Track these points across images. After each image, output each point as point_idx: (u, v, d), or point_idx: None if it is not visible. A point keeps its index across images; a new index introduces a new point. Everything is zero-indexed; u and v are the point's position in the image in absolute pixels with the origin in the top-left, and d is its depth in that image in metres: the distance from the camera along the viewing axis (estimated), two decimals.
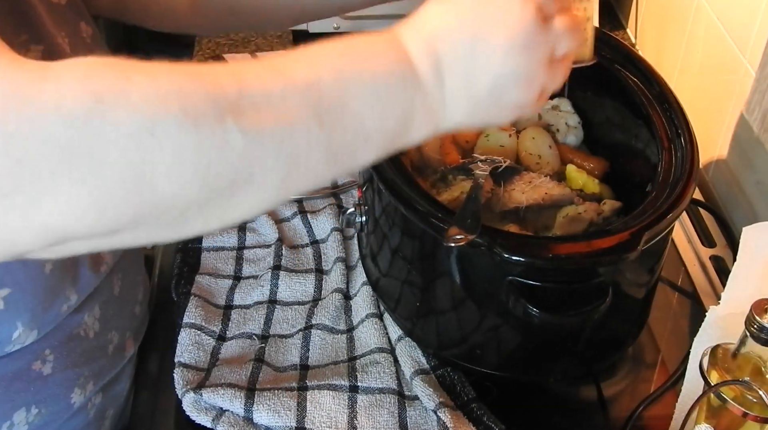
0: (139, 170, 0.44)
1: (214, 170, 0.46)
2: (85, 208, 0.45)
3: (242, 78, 0.48)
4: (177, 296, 0.91)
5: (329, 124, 0.50)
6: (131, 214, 0.46)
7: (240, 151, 0.47)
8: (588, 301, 0.70)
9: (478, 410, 0.79)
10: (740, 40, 0.99)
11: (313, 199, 1.04)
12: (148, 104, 0.44)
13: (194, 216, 0.48)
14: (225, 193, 0.48)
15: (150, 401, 0.85)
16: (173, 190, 0.46)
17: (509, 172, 0.86)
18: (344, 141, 0.51)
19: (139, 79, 0.45)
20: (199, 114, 0.45)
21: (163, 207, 0.46)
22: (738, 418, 0.66)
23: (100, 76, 0.44)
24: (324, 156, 0.51)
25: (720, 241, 1.02)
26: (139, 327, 0.86)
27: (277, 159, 0.48)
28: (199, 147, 0.45)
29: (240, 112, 0.46)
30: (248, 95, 0.47)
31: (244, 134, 0.46)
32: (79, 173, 0.43)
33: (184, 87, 0.46)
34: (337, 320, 0.89)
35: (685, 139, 0.79)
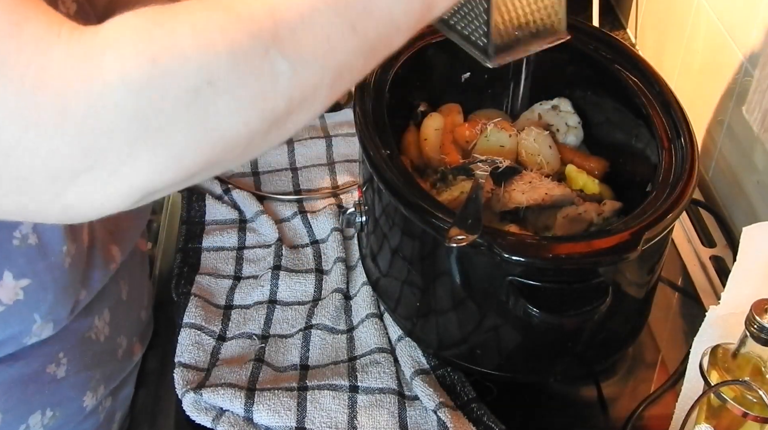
0: (205, 119, 0.46)
1: (270, 102, 0.48)
2: (164, 166, 0.47)
3: (274, 5, 0.49)
4: (177, 296, 0.91)
5: (362, 28, 0.51)
6: (205, 159, 0.48)
7: (289, 78, 0.48)
8: (588, 301, 0.70)
9: (478, 410, 0.79)
10: (740, 40, 0.99)
11: (313, 199, 1.04)
12: (200, 56, 0.46)
13: (260, 143, 0.51)
14: (283, 117, 0.50)
15: (150, 401, 0.85)
16: (238, 129, 0.48)
17: (509, 173, 0.86)
18: (378, 37, 0.53)
19: (184, 30, 0.46)
20: (246, 53, 0.47)
21: (232, 145, 0.49)
22: (738, 418, 0.66)
23: (149, 36, 0.46)
24: (363, 56, 0.53)
25: (720, 241, 1.02)
26: (145, 331, 0.87)
27: (323, 74, 0.50)
28: (252, 85, 0.47)
29: (280, 41, 0.48)
30: (283, 21, 0.48)
31: (289, 61, 0.48)
32: (153, 136, 0.45)
33: (226, 29, 0.47)
34: (337, 320, 0.89)
35: (685, 139, 0.79)
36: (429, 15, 0.57)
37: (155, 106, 0.45)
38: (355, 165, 1.07)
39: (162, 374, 0.85)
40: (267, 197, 1.03)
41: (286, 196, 1.04)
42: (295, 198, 1.03)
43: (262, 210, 1.00)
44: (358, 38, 0.51)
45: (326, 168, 1.08)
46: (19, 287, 0.65)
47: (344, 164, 1.08)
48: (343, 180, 1.06)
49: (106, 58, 0.44)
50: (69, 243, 0.68)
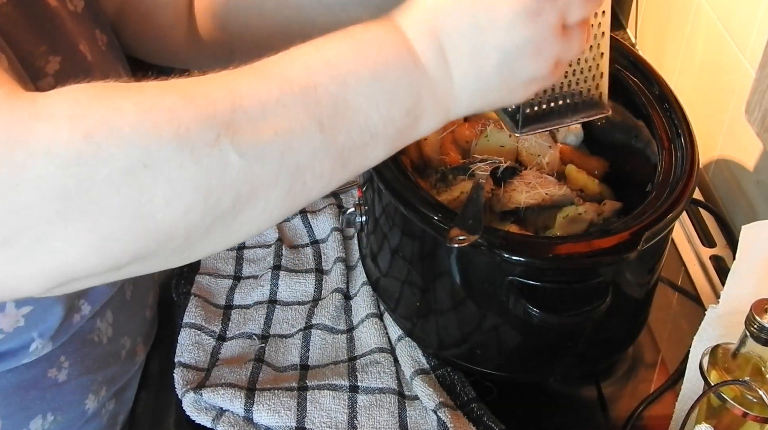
0: (137, 205, 0.43)
1: (214, 194, 0.45)
2: (86, 250, 0.43)
3: (235, 91, 0.46)
4: (177, 296, 0.91)
5: (331, 127, 0.48)
6: (135, 248, 0.45)
7: (239, 171, 0.45)
8: (588, 301, 0.70)
9: (478, 410, 0.79)
10: (740, 40, 0.99)
11: None
12: (140, 136, 0.43)
13: (200, 241, 0.47)
14: (229, 214, 0.46)
15: (150, 401, 0.85)
16: (174, 219, 0.44)
17: (509, 173, 0.86)
18: (350, 142, 0.49)
19: (128, 108, 0.43)
20: (193, 139, 0.43)
21: (166, 237, 0.45)
22: (738, 418, 0.66)
23: (88, 110, 0.43)
24: (330, 160, 0.49)
25: (720, 241, 1.02)
26: (149, 332, 0.86)
27: (280, 172, 0.47)
28: (196, 173, 0.44)
29: (235, 129, 0.45)
30: (242, 110, 0.45)
31: (241, 153, 0.45)
32: (77, 216, 0.42)
33: (175, 111, 0.44)
34: (337, 320, 0.89)
35: (685, 139, 0.79)
36: (414, 130, 0.53)
37: (82, 185, 0.42)
38: None
39: (162, 374, 0.85)
40: None
41: None
42: None
43: None
44: (325, 139, 0.47)
45: None
46: (20, 314, 0.63)
47: None
48: None
49: (37, 128, 0.42)
50: None
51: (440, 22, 0.52)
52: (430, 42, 0.52)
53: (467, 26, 0.52)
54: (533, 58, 0.53)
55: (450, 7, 0.52)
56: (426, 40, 0.52)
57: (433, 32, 0.52)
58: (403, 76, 0.51)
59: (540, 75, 0.55)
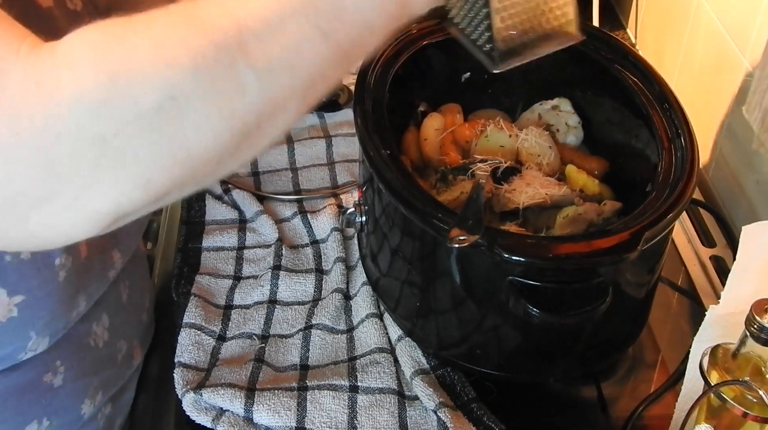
0: (170, 138, 0.44)
1: (239, 115, 0.46)
2: (130, 189, 0.45)
3: (238, 13, 0.47)
4: (177, 296, 0.91)
5: (333, 32, 0.49)
6: (174, 179, 0.46)
7: (258, 89, 0.46)
8: (588, 301, 0.70)
9: (478, 410, 0.79)
10: (740, 40, 0.99)
11: (313, 199, 1.04)
12: (161, 71, 0.44)
13: (231, 158, 0.49)
14: (254, 130, 0.48)
15: (150, 402, 0.85)
16: (206, 146, 0.46)
17: (509, 173, 0.86)
18: (350, 41, 0.51)
19: (145, 45, 0.44)
20: (210, 66, 0.45)
21: (201, 163, 0.47)
22: (738, 418, 0.66)
23: (108, 52, 0.44)
24: (336, 62, 0.50)
25: (720, 241, 1.02)
26: (146, 334, 0.86)
27: (293, 83, 0.48)
28: (218, 98, 0.45)
29: (246, 50, 0.46)
30: (249, 31, 0.46)
31: (256, 72, 0.46)
32: (117, 157, 0.43)
33: (188, 42, 0.45)
34: (337, 320, 0.89)
35: (685, 139, 0.79)
36: (405, 13, 0.54)
37: (116, 126, 0.43)
38: (355, 165, 1.07)
39: (162, 375, 0.85)
40: (267, 197, 1.03)
41: (286, 196, 1.04)
42: (295, 198, 1.03)
43: (262, 210, 1.00)
44: (329, 44, 0.49)
45: (326, 168, 1.08)
46: (12, 303, 0.63)
47: (344, 164, 1.08)
48: (343, 180, 1.06)
49: (63, 77, 0.42)
50: (64, 255, 0.66)
51: None
52: None
53: None
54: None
55: None
56: None
57: None
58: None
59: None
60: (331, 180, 1.06)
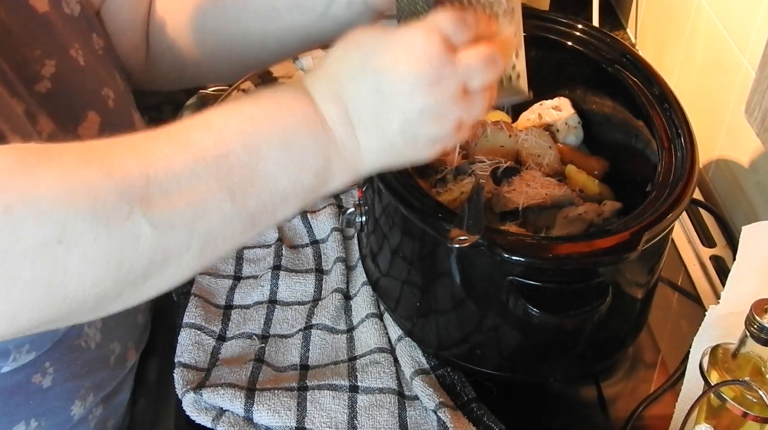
0: (50, 277, 0.44)
1: (126, 264, 0.46)
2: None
3: (151, 162, 0.47)
4: (177, 296, 0.91)
5: (242, 195, 0.49)
6: (44, 316, 0.46)
7: (152, 242, 0.46)
8: (588, 301, 0.70)
9: (478, 410, 0.79)
10: (740, 40, 0.99)
11: None
12: (57, 211, 0.44)
13: (110, 303, 0.48)
14: (140, 280, 0.48)
15: (149, 402, 0.85)
16: (86, 289, 0.46)
17: (509, 173, 0.86)
18: (260, 205, 0.51)
19: (48, 180, 0.44)
20: (108, 213, 0.45)
21: (76, 305, 0.46)
22: (738, 418, 0.66)
23: (10, 182, 0.44)
24: (241, 224, 0.50)
25: (720, 241, 1.02)
26: (141, 336, 0.85)
27: (192, 239, 0.48)
28: (109, 246, 0.45)
29: (149, 201, 0.46)
30: (157, 182, 0.47)
31: (154, 225, 0.46)
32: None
33: (92, 185, 0.45)
34: (337, 320, 0.89)
35: (685, 139, 0.79)
36: (323, 189, 0.55)
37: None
38: None
39: (162, 375, 0.85)
40: None
41: None
42: None
43: None
44: (236, 207, 0.49)
45: None
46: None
47: None
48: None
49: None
50: None
51: (344, 89, 0.54)
52: (336, 107, 0.54)
53: (370, 93, 0.54)
54: (434, 121, 0.55)
55: (353, 74, 0.54)
56: (332, 105, 0.54)
57: (339, 98, 0.54)
58: (312, 141, 0.53)
59: (442, 136, 0.57)
60: None
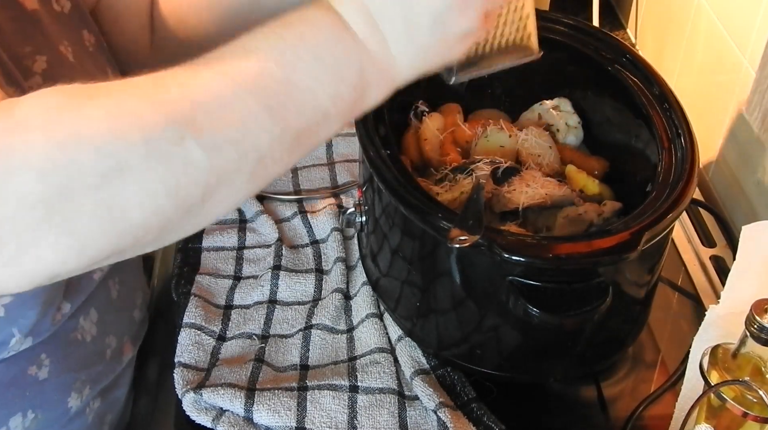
0: (112, 208, 0.45)
1: (183, 190, 0.47)
2: (67, 253, 0.46)
3: (193, 89, 0.48)
4: (177, 296, 0.91)
5: (282, 113, 0.50)
6: (111, 247, 0.47)
7: (204, 166, 0.47)
8: (588, 301, 0.70)
9: (478, 410, 0.79)
10: (740, 40, 0.99)
11: (313, 199, 1.04)
12: (110, 143, 0.45)
13: (173, 230, 0.49)
14: (197, 205, 0.49)
15: (149, 402, 0.85)
16: (147, 217, 0.47)
17: (509, 173, 0.86)
18: (302, 123, 0.52)
19: (97, 115, 0.45)
20: (159, 140, 0.46)
21: (141, 233, 0.47)
22: (738, 418, 0.66)
23: (59, 120, 0.45)
24: (287, 144, 0.51)
25: (720, 241, 1.02)
26: (138, 331, 0.85)
27: (241, 161, 0.49)
28: (164, 173, 0.46)
29: (196, 126, 0.47)
30: (201, 108, 0.48)
31: (204, 149, 0.47)
32: (57, 223, 0.44)
33: (140, 115, 0.46)
34: (337, 320, 0.89)
35: (685, 139, 0.79)
36: (362, 103, 0.55)
37: (60, 193, 0.44)
38: (355, 165, 1.07)
39: (161, 375, 0.85)
40: (267, 197, 1.03)
41: (286, 196, 1.04)
42: (295, 198, 1.03)
43: (262, 210, 1.00)
44: (278, 124, 0.50)
45: (326, 168, 1.08)
46: (0, 304, 0.64)
47: (344, 164, 1.08)
48: (343, 180, 1.06)
49: (14, 141, 0.44)
50: None
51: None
52: (361, 15, 0.54)
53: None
54: (462, 13, 0.56)
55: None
56: (357, 14, 0.54)
57: (364, 8, 0.54)
58: (343, 52, 0.54)
59: (471, 28, 0.57)
60: (331, 180, 1.06)
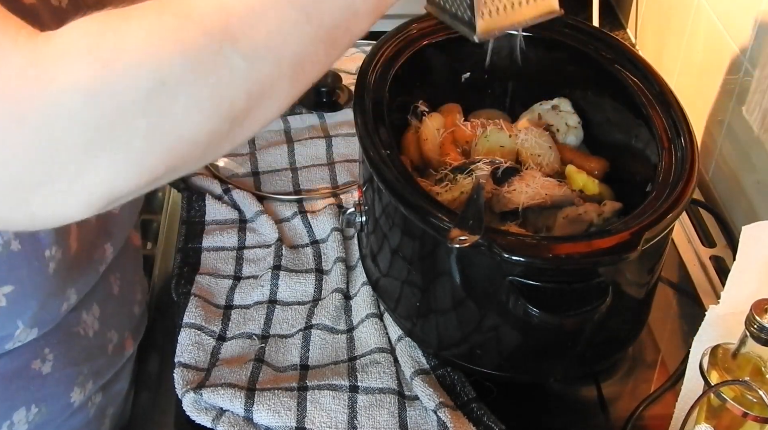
0: (163, 121, 0.46)
1: (227, 99, 0.48)
2: (126, 172, 0.46)
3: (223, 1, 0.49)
4: (177, 296, 0.91)
5: (317, 14, 0.50)
6: (167, 161, 0.48)
7: (245, 73, 0.48)
8: (588, 301, 0.70)
9: (478, 410, 0.79)
10: (740, 40, 0.99)
11: (313, 199, 1.04)
12: (152, 58, 0.45)
13: (222, 141, 0.50)
14: (243, 113, 0.49)
15: (150, 400, 0.85)
16: (197, 130, 0.47)
17: (509, 173, 0.85)
18: (335, 24, 0.52)
19: (136, 33, 0.46)
20: (199, 51, 0.46)
21: (192, 146, 0.48)
22: (738, 418, 0.66)
23: (101, 41, 0.45)
24: (322, 45, 0.52)
25: (720, 241, 1.02)
26: (138, 326, 0.86)
27: (281, 66, 0.50)
28: (207, 84, 0.47)
29: (233, 34, 0.47)
30: (235, 14, 0.48)
31: (244, 56, 0.48)
32: (111, 142, 0.45)
33: (178, 29, 0.46)
34: (337, 320, 0.89)
35: (685, 139, 0.79)
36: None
37: (110, 112, 0.44)
38: (355, 165, 1.07)
39: (162, 374, 0.85)
40: (267, 197, 1.03)
41: (286, 197, 1.04)
42: (295, 198, 1.03)
43: (262, 210, 1.00)
44: (313, 27, 0.50)
45: (326, 168, 1.08)
46: (1, 293, 0.64)
47: (344, 164, 1.08)
48: (343, 180, 1.06)
49: (60, 65, 0.44)
50: (54, 247, 0.66)
51: None
52: None
53: None
54: None
55: None
56: None
57: None
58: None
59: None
60: (331, 180, 1.06)
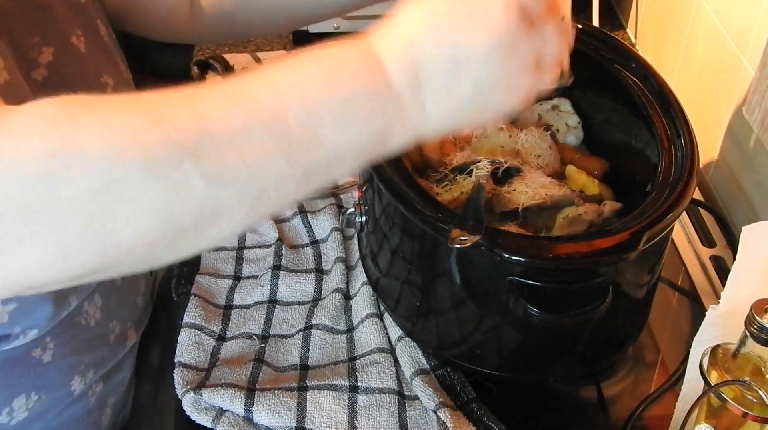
0: (99, 223, 0.44)
1: (176, 215, 0.46)
2: (48, 263, 0.45)
3: (203, 114, 0.46)
4: (177, 296, 0.91)
5: (298, 157, 0.48)
6: (95, 263, 0.46)
7: (202, 194, 0.46)
8: (588, 301, 0.70)
9: (478, 410, 0.79)
10: (740, 40, 0.99)
11: (313, 199, 1.04)
12: (105, 158, 0.44)
13: (162, 253, 0.48)
14: (190, 231, 0.47)
15: (151, 394, 0.85)
16: (136, 238, 0.45)
17: (509, 173, 0.86)
18: (315, 165, 0.50)
19: (95, 128, 0.44)
20: (157, 162, 0.44)
21: (127, 253, 0.46)
22: (738, 418, 0.66)
23: (56, 128, 0.44)
24: (295, 182, 0.49)
25: (720, 241, 1.02)
26: (141, 317, 0.86)
27: (243, 195, 0.47)
28: (158, 195, 0.45)
29: (200, 154, 0.45)
30: (209, 136, 0.46)
31: (205, 177, 0.45)
32: (39, 231, 0.43)
33: (141, 133, 0.45)
34: (337, 320, 0.89)
35: (685, 139, 0.79)
36: (382, 149, 0.53)
37: (46, 202, 0.43)
38: None
39: (162, 374, 0.85)
40: None
41: None
42: None
43: None
44: (291, 166, 0.48)
45: None
46: (5, 311, 0.64)
47: None
48: (343, 180, 1.06)
49: (6, 144, 0.43)
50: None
51: (417, 49, 0.52)
52: (405, 68, 0.51)
53: (445, 56, 0.51)
54: (506, 91, 0.54)
55: (427, 35, 0.52)
56: (401, 66, 0.51)
57: (410, 59, 0.51)
58: (375, 104, 0.51)
59: (509, 107, 0.55)
60: None
